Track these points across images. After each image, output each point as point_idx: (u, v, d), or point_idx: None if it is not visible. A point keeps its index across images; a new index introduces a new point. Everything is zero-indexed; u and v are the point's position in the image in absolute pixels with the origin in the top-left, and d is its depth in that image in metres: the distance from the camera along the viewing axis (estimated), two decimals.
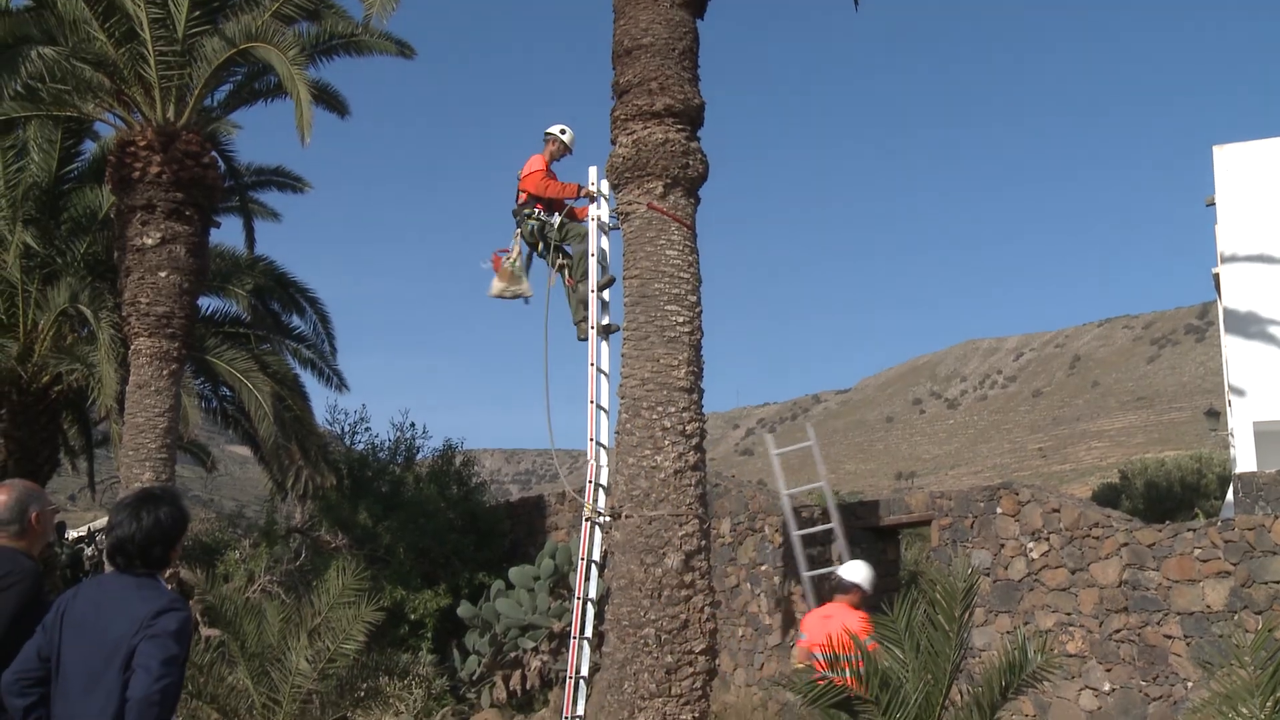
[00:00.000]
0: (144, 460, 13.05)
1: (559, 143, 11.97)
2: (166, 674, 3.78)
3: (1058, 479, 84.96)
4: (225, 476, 65.04)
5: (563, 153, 12.02)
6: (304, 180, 19.24)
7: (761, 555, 14.19)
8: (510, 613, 14.37)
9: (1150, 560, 10.74)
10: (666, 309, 9.66)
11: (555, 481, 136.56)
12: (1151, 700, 10.48)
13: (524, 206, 11.77)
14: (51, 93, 13.95)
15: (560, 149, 11.99)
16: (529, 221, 11.70)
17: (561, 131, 12.02)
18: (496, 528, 18.18)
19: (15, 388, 16.35)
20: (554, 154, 11.96)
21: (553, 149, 11.96)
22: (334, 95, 16.17)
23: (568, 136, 12.02)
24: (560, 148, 11.99)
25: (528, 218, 11.71)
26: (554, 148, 11.96)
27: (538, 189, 11.63)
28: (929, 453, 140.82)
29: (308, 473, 18.95)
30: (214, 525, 20.95)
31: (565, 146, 12.01)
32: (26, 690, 3.97)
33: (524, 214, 11.76)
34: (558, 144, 11.97)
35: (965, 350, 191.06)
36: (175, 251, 13.40)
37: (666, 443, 9.41)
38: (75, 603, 4.04)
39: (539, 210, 11.70)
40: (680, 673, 8.97)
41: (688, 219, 9.96)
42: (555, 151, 11.97)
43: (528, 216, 11.71)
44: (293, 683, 9.72)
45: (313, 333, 20.28)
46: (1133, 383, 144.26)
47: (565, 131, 12.04)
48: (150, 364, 13.30)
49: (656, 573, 9.14)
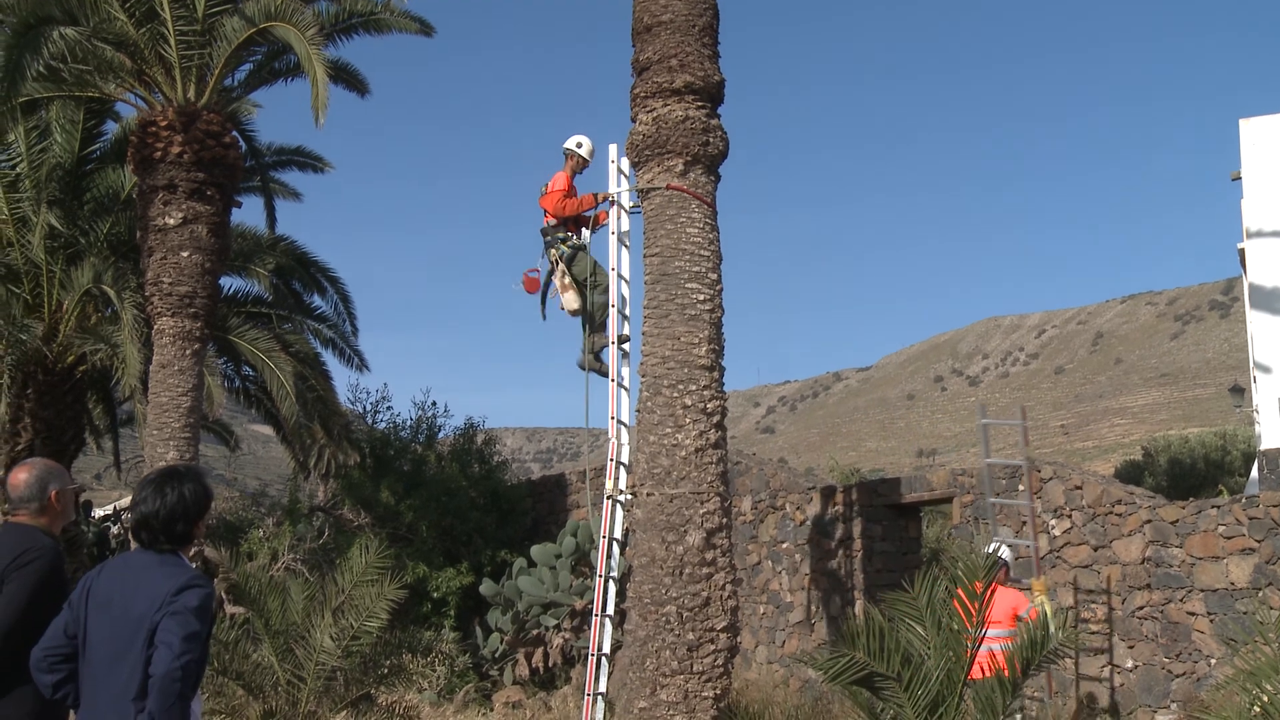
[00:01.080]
0: (168, 439, 13.13)
1: (577, 157, 11.91)
2: (188, 650, 3.81)
3: (1080, 456, 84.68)
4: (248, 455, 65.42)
5: (583, 165, 11.96)
6: (325, 160, 19.28)
7: (783, 533, 14.19)
8: (532, 590, 14.42)
9: (1174, 537, 10.69)
10: (687, 286, 9.65)
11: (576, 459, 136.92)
12: (1175, 677, 10.46)
13: (555, 229, 11.77)
14: (73, 73, 14.00)
15: (579, 163, 11.94)
16: (561, 247, 11.72)
17: (578, 145, 11.95)
18: (518, 506, 18.23)
19: (41, 368, 16.46)
20: (575, 168, 11.91)
21: (573, 164, 11.91)
22: (354, 74, 16.17)
23: (584, 149, 11.94)
24: (579, 162, 11.93)
25: (561, 242, 11.72)
26: (574, 163, 11.91)
27: (556, 210, 11.63)
28: (950, 430, 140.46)
29: (330, 451, 19.06)
30: (238, 504, 21.08)
31: (584, 160, 11.95)
32: (55, 666, 4.01)
33: (556, 237, 11.76)
34: (576, 158, 11.91)
35: (987, 327, 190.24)
36: (197, 231, 13.45)
37: (687, 421, 9.41)
38: (100, 580, 4.07)
39: (570, 235, 11.70)
40: (702, 650, 8.99)
41: (708, 196, 9.93)
42: (575, 166, 11.91)
43: (561, 241, 11.72)
44: (317, 660, 9.79)
45: (334, 312, 20.37)
46: (1156, 359, 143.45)
47: (581, 145, 11.95)
48: (173, 344, 13.37)
49: (678, 550, 9.16)
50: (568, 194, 11.69)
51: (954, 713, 6.31)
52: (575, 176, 11.91)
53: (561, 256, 11.73)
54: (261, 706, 9.92)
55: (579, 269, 11.65)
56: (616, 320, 11.02)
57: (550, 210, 11.68)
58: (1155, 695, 10.55)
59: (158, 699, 3.74)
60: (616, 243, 11.26)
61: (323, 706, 9.96)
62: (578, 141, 11.99)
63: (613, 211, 11.33)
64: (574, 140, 12.01)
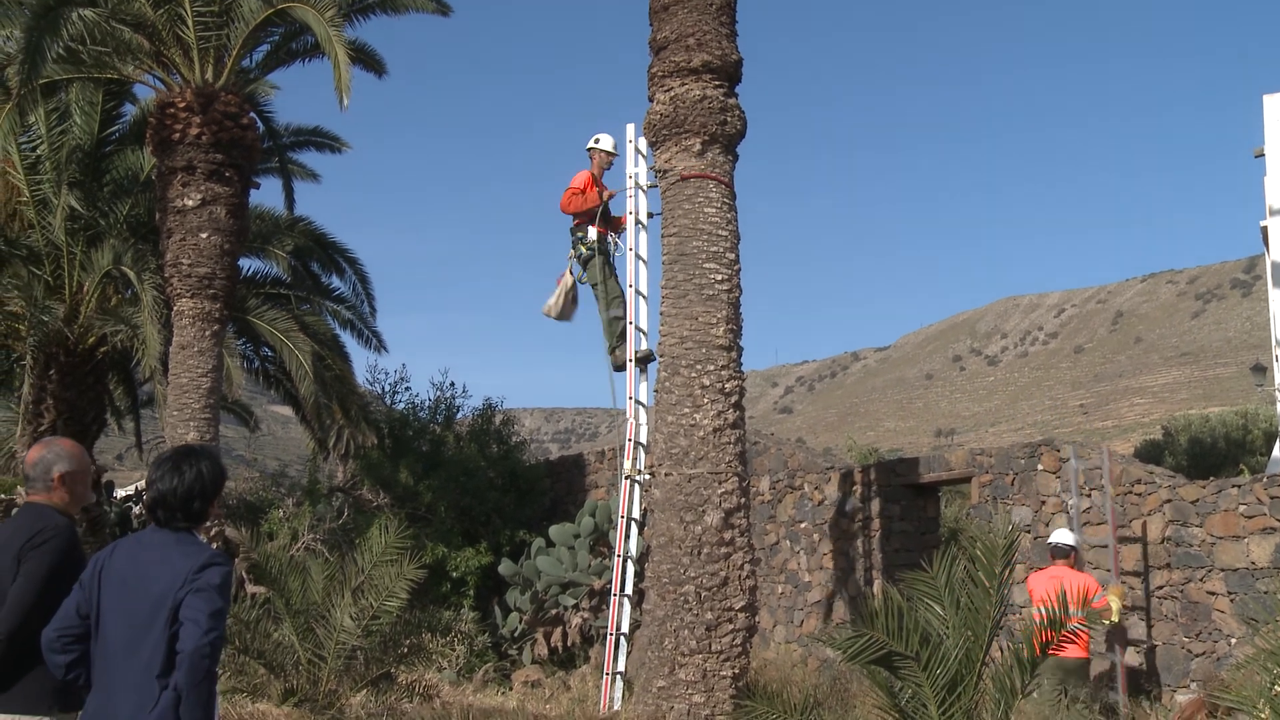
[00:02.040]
0: (188, 420, 13.19)
1: (600, 153, 11.92)
2: (214, 627, 3.84)
3: (1100, 436, 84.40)
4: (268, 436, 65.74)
5: (608, 161, 11.96)
6: (342, 140, 19.28)
7: (801, 513, 14.20)
8: (551, 570, 14.47)
9: (1194, 516, 10.65)
10: (705, 266, 9.63)
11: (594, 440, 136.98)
12: (1195, 656, 10.43)
13: (576, 229, 11.78)
14: (92, 55, 14.02)
15: (604, 159, 11.94)
16: (580, 248, 11.74)
17: (595, 141, 11.94)
18: (536, 486, 18.28)
19: (63, 349, 16.55)
20: (600, 165, 11.91)
21: (596, 161, 11.91)
22: (371, 55, 16.14)
23: (604, 144, 11.92)
24: (604, 158, 11.94)
25: (579, 241, 11.73)
26: (597, 160, 11.92)
27: (562, 206, 11.67)
28: (969, 410, 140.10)
29: (349, 432, 19.13)
30: (258, 484, 21.18)
31: (608, 155, 11.95)
32: (68, 647, 4.02)
33: (576, 236, 11.78)
34: (599, 154, 11.92)
35: (1006, 307, 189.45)
36: (215, 213, 13.48)
37: (705, 401, 9.41)
38: (113, 560, 4.06)
39: (594, 236, 11.68)
40: (720, 629, 9.01)
41: (726, 176, 9.89)
42: (601, 162, 11.92)
43: (579, 240, 11.73)
44: (337, 639, 9.85)
45: (352, 293, 20.41)
46: (1177, 338, 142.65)
47: (599, 140, 11.94)
48: (193, 325, 13.42)
49: (696, 530, 9.17)
50: (580, 192, 11.68)
51: (972, 692, 6.31)
52: (604, 173, 11.91)
53: (578, 257, 11.77)
54: (282, 685, 9.99)
55: (590, 275, 11.69)
56: (636, 338, 11.03)
57: (561, 208, 11.71)
58: (1175, 674, 10.53)
59: (188, 675, 3.77)
60: (634, 222, 11.25)
61: (343, 685, 10.03)
62: (596, 137, 11.97)
63: (631, 192, 11.31)
64: (594, 138, 12.00)
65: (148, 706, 3.80)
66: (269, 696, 10.02)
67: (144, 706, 3.81)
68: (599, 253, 11.66)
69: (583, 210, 11.64)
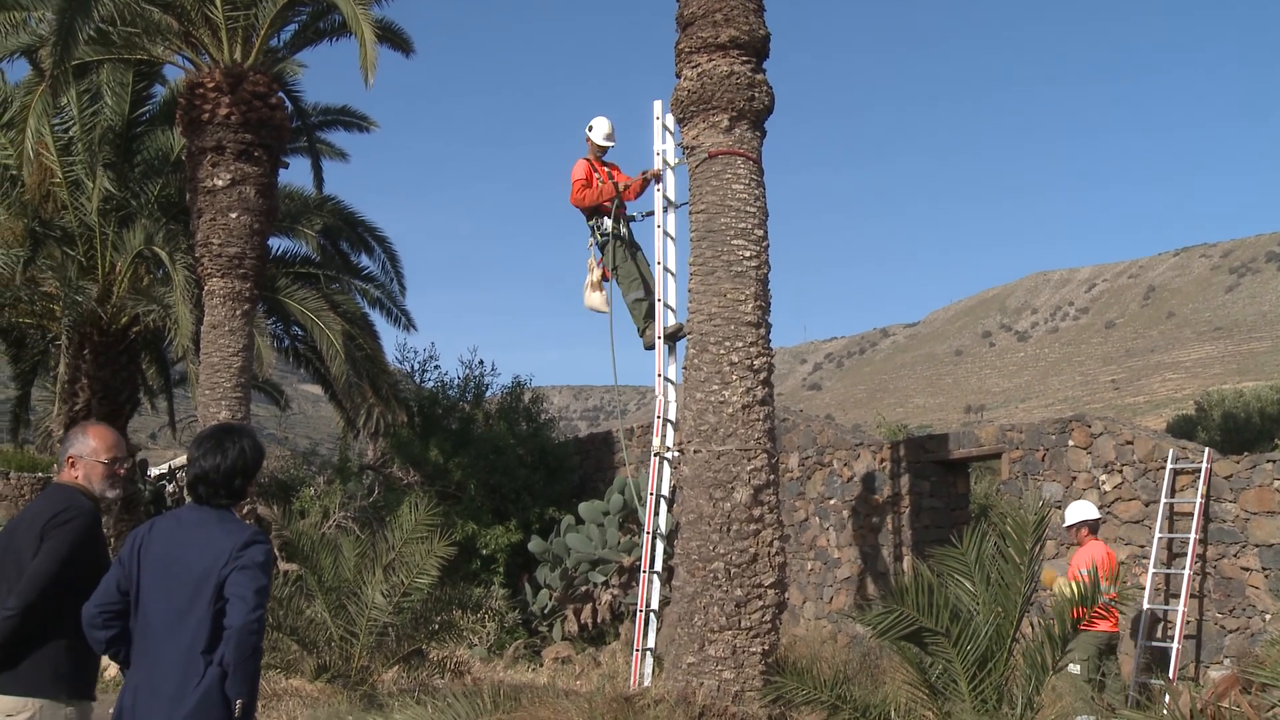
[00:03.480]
0: (220, 399, 13.29)
1: (590, 143, 11.64)
2: (260, 604, 3.89)
3: (1131, 411, 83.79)
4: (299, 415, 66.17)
5: (599, 152, 11.67)
6: (370, 119, 19.32)
7: (830, 489, 14.18)
8: (580, 547, 14.53)
9: (1227, 492, 10.57)
10: (733, 243, 9.59)
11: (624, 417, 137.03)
12: (1228, 633, 10.37)
13: (590, 217, 11.65)
14: (122, 36, 14.09)
15: (594, 149, 11.64)
16: (596, 235, 11.63)
17: (589, 129, 11.67)
18: (565, 463, 18.33)
19: (96, 329, 16.71)
20: (595, 152, 11.63)
21: (591, 149, 11.64)
22: (398, 33, 16.14)
23: (597, 132, 11.57)
24: (594, 148, 11.64)
25: (596, 227, 11.61)
26: (592, 146, 11.64)
27: (574, 203, 11.49)
28: (998, 386, 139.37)
29: (379, 410, 19.24)
30: (289, 463, 21.35)
31: (599, 146, 11.64)
32: (109, 623, 4.06)
33: (590, 224, 11.65)
34: (590, 144, 11.65)
35: (1036, 282, 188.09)
36: (245, 192, 13.55)
37: (734, 378, 9.39)
38: (152, 537, 4.10)
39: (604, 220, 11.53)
40: (750, 606, 9.02)
41: (754, 152, 9.84)
42: (594, 151, 11.63)
43: (597, 227, 11.61)
44: (369, 616, 9.94)
45: (381, 272, 20.50)
46: (1210, 312, 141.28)
47: (593, 128, 11.62)
48: (224, 304, 13.51)
49: (725, 507, 9.17)
50: (586, 184, 11.50)
51: (1003, 667, 6.31)
52: (604, 157, 11.68)
53: (597, 243, 11.67)
54: (315, 661, 10.11)
55: (608, 260, 11.57)
56: (664, 315, 10.97)
57: (572, 203, 11.55)
58: (1209, 651, 10.48)
59: (235, 650, 3.82)
60: (661, 200, 11.21)
61: (375, 661, 10.13)
62: (590, 125, 11.74)
63: (659, 169, 11.25)
64: (589, 124, 11.77)
65: (193, 681, 3.85)
66: (302, 672, 10.14)
67: (189, 681, 3.86)
68: (614, 237, 11.53)
69: (595, 203, 11.49)
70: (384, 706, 9.03)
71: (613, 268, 11.56)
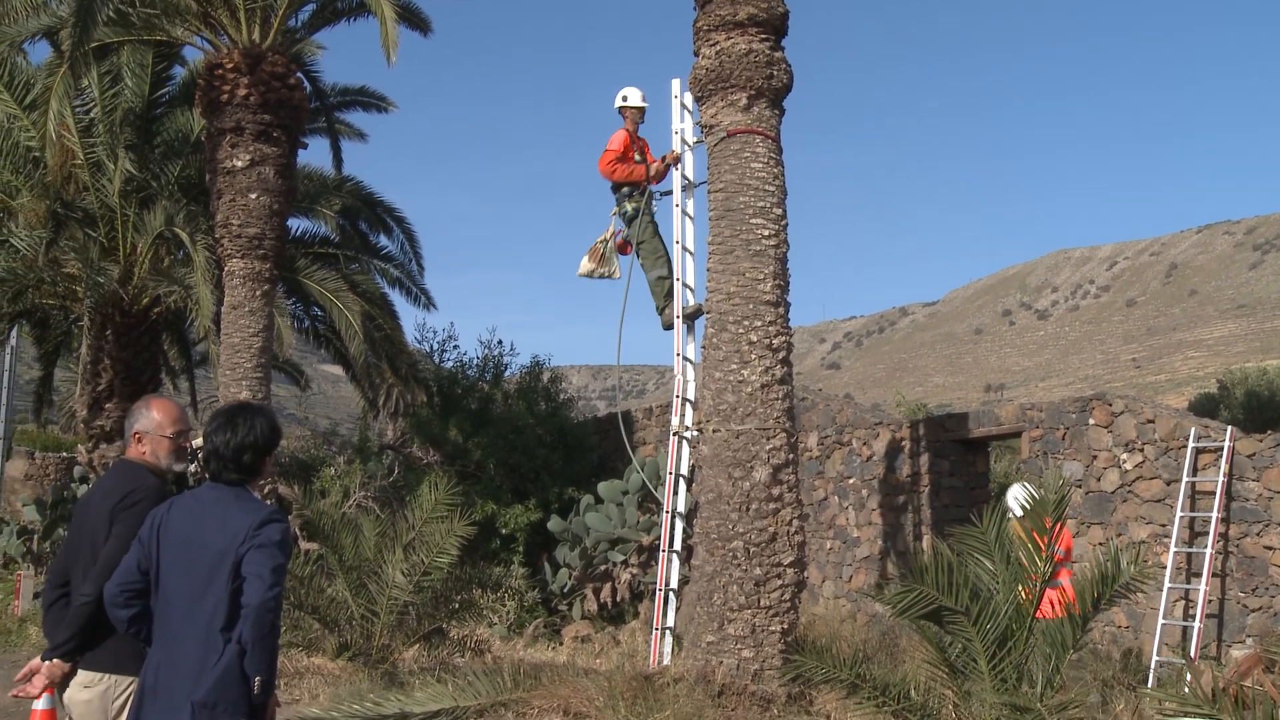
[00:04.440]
0: (240, 379, 13.36)
1: (631, 109, 11.69)
2: (277, 582, 3.93)
3: (1153, 390, 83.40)
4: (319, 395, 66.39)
5: (639, 116, 11.75)
6: (389, 99, 19.32)
7: (849, 468, 14.17)
8: (600, 526, 14.55)
9: (1250, 471, 10.51)
10: (752, 222, 9.56)
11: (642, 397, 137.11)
12: (1250, 612, 10.33)
13: (617, 188, 11.65)
14: (141, 17, 14.11)
15: (636, 114, 11.71)
16: (625, 206, 11.62)
17: (624, 98, 11.72)
18: (584, 443, 18.35)
19: (118, 310, 16.79)
20: (634, 120, 11.69)
21: (631, 116, 11.70)
22: (417, 13, 16.12)
23: (634, 99, 11.65)
24: (636, 113, 11.70)
25: (627, 196, 11.60)
26: (631, 115, 11.71)
27: (603, 174, 11.48)
28: (1019, 365, 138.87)
29: (399, 390, 19.30)
30: (309, 443, 21.44)
31: (639, 109, 11.71)
32: (130, 602, 4.10)
33: (621, 194, 11.65)
34: (631, 111, 11.70)
35: (1056, 260, 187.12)
36: (264, 173, 13.57)
37: (753, 357, 9.38)
38: (171, 516, 4.14)
39: (632, 192, 11.54)
40: (769, 585, 9.03)
41: (772, 131, 9.80)
42: (634, 118, 11.70)
43: (625, 197, 11.61)
44: (389, 595, 9.99)
45: (400, 252, 20.53)
46: (1233, 290, 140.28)
47: (627, 98, 11.69)
48: (244, 285, 13.56)
49: (744, 486, 9.17)
50: (620, 157, 11.52)
51: (1023, 647, 6.29)
52: (639, 128, 11.74)
53: (622, 215, 11.67)
54: (336, 639, 10.17)
55: (634, 231, 11.58)
56: (682, 294, 10.97)
57: (601, 172, 11.54)
58: (1231, 630, 10.45)
59: (253, 628, 3.85)
60: (679, 179, 11.18)
61: (396, 640, 10.18)
62: (623, 94, 11.77)
63: (677, 148, 11.23)
64: (620, 94, 11.80)
65: (212, 659, 3.89)
66: (323, 651, 10.20)
67: (208, 659, 3.89)
68: (644, 212, 11.57)
69: (629, 180, 11.50)
70: (405, 685, 9.08)
71: (637, 243, 11.56)
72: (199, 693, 3.86)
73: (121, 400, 16.76)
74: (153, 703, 3.97)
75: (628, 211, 11.61)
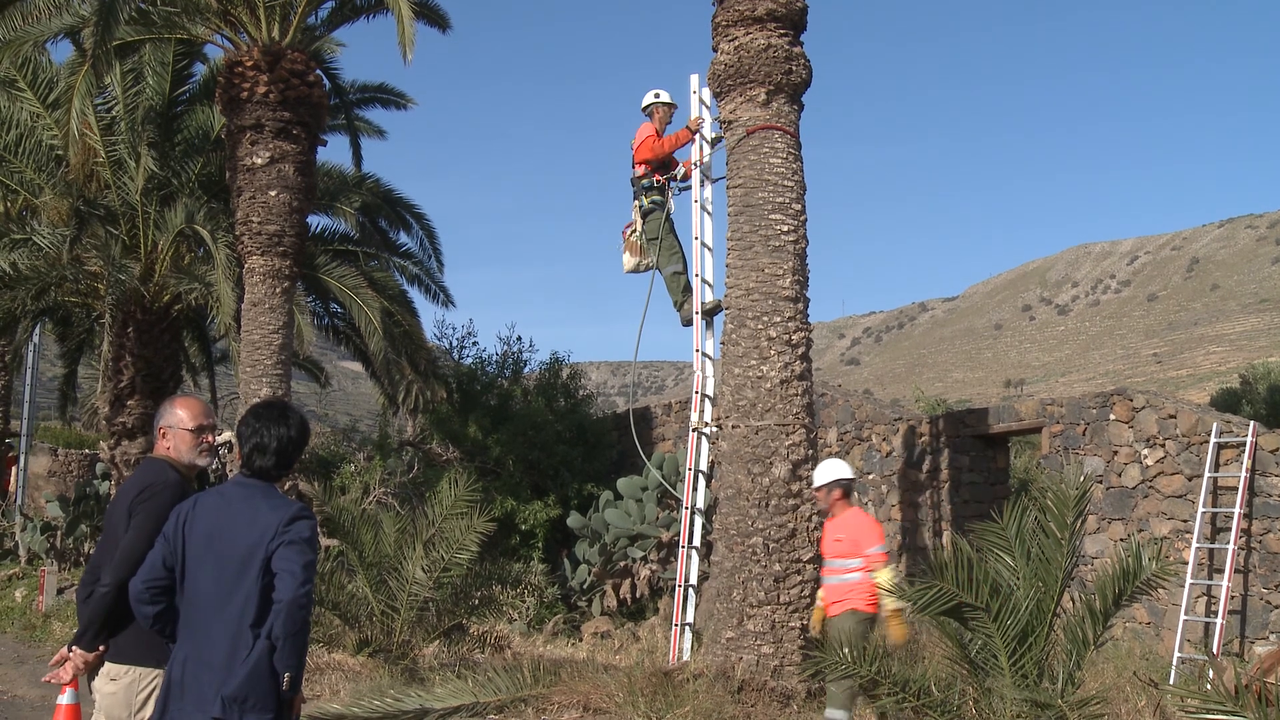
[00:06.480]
0: (261, 376, 13.41)
1: (661, 107, 11.74)
2: (308, 578, 3.95)
3: (1174, 385, 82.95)
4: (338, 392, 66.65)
5: (668, 115, 11.80)
6: (408, 97, 19.34)
7: (869, 464, 14.14)
8: (619, 523, 14.56)
9: (1273, 466, 10.45)
10: (771, 218, 9.55)
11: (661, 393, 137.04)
12: (1273, 608, 10.27)
13: (641, 178, 11.65)
14: (162, 15, 14.18)
15: (666, 112, 11.77)
16: (643, 199, 11.62)
17: (656, 95, 11.78)
18: (603, 439, 18.36)
19: (139, 307, 16.86)
20: (663, 120, 11.75)
21: (661, 115, 11.75)
22: (434, 9, 16.12)
23: (665, 96, 11.77)
24: (666, 111, 11.76)
25: (646, 190, 11.61)
26: (661, 114, 11.75)
27: (655, 153, 11.44)
28: (1039, 360, 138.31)
29: (418, 387, 19.34)
30: (329, 439, 21.52)
31: (669, 108, 11.78)
32: (156, 598, 4.13)
33: (641, 185, 11.65)
34: (661, 109, 11.75)
35: (1077, 255, 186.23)
36: (284, 170, 13.62)
37: (772, 353, 9.37)
38: (196, 513, 4.16)
39: (656, 183, 11.55)
40: (788, 581, 9.03)
41: (791, 126, 9.78)
42: (664, 117, 11.75)
43: (646, 189, 11.61)
44: (409, 591, 10.02)
45: (419, 249, 20.56)
46: (1256, 284, 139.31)
47: (659, 95, 11.78)
48: (264, 282, 13.61)
49: (764, 482, 9.17)
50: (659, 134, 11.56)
51: (1043, 643, 6.27)
52: (666, 128, 11.77)
53: (640, 209, 11.67)
54: (357, 635, 10.20)
55: (650, 227, 11.57)
56: (702, 290, 10.95)
57: (649, 155, 11.50)
58: (1254, 626, 10.39)
59: (285, 623, 3.88)
60: (698, 174, 11.17)
61: (416, 636, 10.20)
62: (655, 93, 11.82)
63: (696, 143, 11.22)
64: (650, 95, 11.84)
65: (242, 654, 3.91)
66: (344, 647, 10.23)
67: (238, 654, 3.92)
68: (662, 207, 11.57)
69: (677, 145, 11.51)
70: (425, 681, 9.11)
71: (654, 239, 11.56)
72: (229, 687, 3.88)
73: (143, 397, 16.85)
74: (180, 697, 3.99)
75: (644, 205, 11.61)
